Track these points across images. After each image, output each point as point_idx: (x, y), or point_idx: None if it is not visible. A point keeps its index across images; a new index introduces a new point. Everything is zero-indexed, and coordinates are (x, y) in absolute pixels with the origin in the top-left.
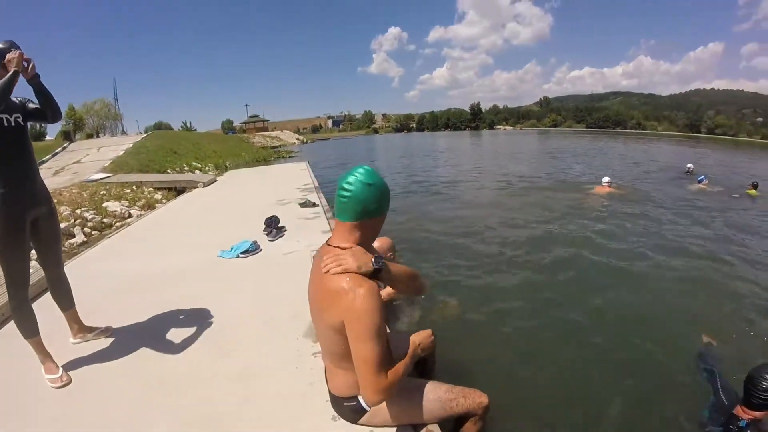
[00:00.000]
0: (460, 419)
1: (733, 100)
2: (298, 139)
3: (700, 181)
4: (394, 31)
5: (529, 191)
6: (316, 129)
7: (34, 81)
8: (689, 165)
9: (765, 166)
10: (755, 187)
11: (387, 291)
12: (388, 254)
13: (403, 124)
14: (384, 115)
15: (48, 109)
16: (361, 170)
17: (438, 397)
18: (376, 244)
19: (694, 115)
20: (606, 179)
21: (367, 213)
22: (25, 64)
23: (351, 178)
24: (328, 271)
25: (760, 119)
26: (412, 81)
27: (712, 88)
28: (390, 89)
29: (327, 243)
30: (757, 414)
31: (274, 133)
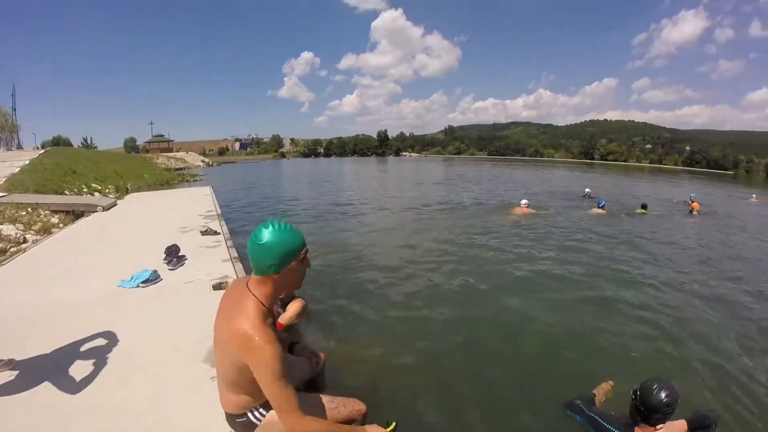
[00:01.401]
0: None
1: (624, 129)
2: (203, 161)
3: (600, 206)
4: (307, 55)
5: (443, 215)
6: (222, 151)
7: None
8: (587, 189)
9: (648, 187)
10: (644, 207)
11: (287, 316)
12: (296, 320)
13: (311, 149)
14: (292, 139)
15: None
16: (262, 228)
17: (322, 407)
18: (290, 306)
19: (588, 143)
20: (524, 201)
21: (267, 269)
22: None
23: (252, 236)
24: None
25: (648, 146)
26: (322, 106)
27: (606, 119)
28: (299, 114)
29: (248, 284)
30: (658, 428)
31: (179, 155)
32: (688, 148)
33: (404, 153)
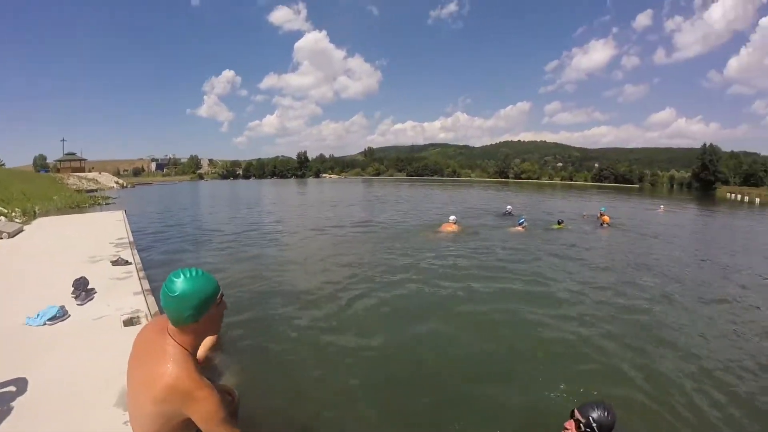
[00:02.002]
0: None
1: (537, 149)
2: (117, 182)
3: (520, 224)
4: (228, 74)
5: (364, 236)
6: (138, 172)
7: None
8: (508, 206)
9: (561, 203)
10: (560, 222)
11: (200, 351)
12: (209, 354)
13: (230, 171)
14: (211, 160)
15: None
16: (173, 278)
17: None
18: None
19: (502, 163)
20: (452, 217)
21: (185, 320)
22: None
23: (164, 288)
24: None
25: (560, 164)
26: (242, 127)
27: (519, 140)
28: (218, 134)
29: (168, 330)
30: None
31: (91, 175)
32: (596, 165)
33: (324, 174)
